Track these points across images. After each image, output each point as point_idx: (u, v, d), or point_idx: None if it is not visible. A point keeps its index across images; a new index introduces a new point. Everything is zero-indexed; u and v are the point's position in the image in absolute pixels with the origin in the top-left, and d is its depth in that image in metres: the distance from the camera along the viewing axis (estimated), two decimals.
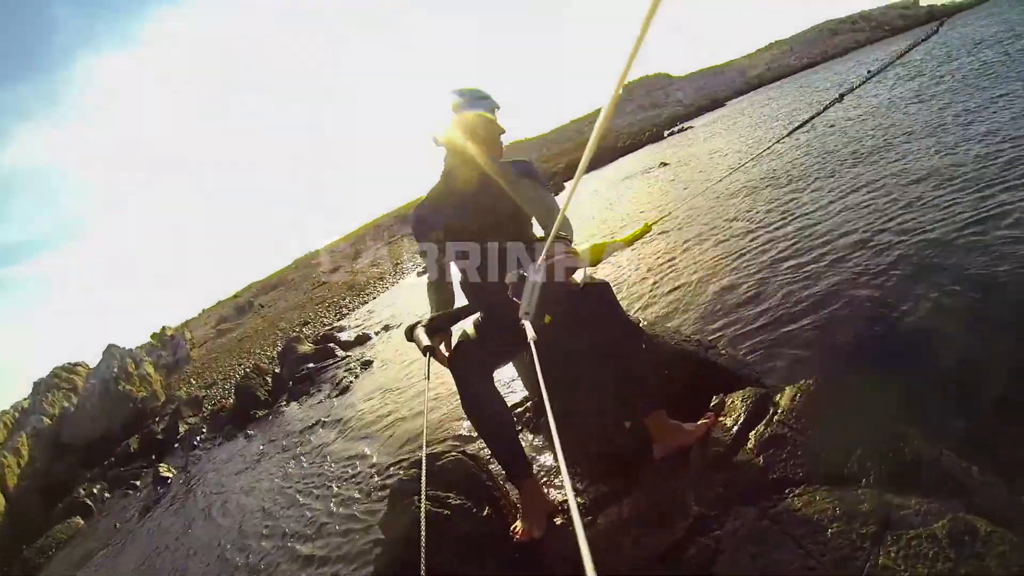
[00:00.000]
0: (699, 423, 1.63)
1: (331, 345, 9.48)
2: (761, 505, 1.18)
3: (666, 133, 23.15)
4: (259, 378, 8.54)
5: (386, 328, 10.69)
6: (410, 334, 1.70)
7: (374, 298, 17.01)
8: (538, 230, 2.15)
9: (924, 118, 6.17)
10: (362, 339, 10.57)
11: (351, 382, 7.17)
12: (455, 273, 2.16)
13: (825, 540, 1.03)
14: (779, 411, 1.40)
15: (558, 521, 1.79)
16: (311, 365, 8.70)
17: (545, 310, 1.71)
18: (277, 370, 9.77)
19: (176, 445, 7.68)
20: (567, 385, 2.51)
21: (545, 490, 1.97)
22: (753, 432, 1.39)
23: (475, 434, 2.70)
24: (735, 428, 1.43)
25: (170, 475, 6.63)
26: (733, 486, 1.29)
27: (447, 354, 1.75)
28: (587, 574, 0.42)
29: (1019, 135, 4.17)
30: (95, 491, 7.33)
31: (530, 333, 1.21)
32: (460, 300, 2.02)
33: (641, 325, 2.63)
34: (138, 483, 7.22)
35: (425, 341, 1.58)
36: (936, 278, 2.55)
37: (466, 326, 2.00)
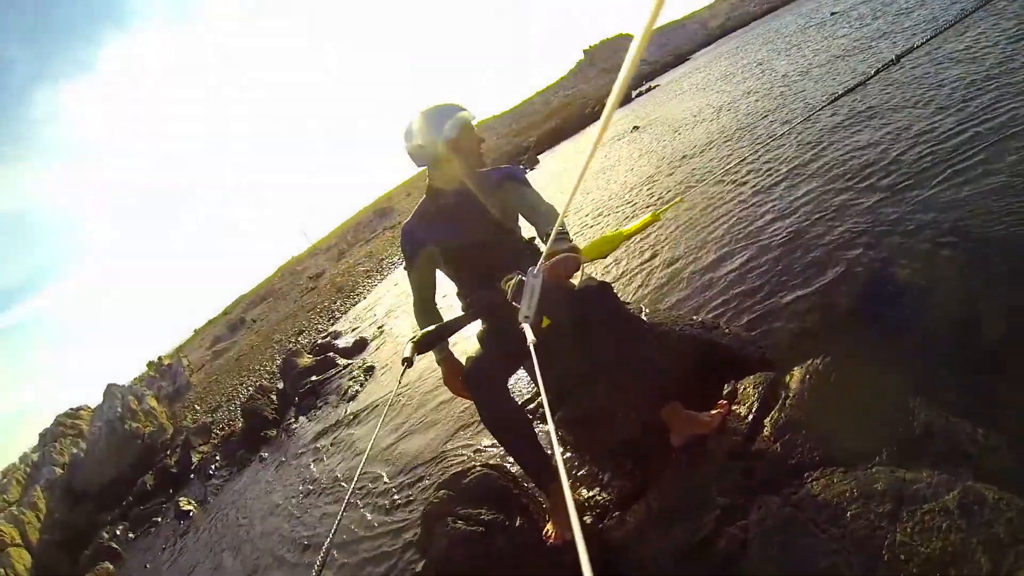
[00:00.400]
0: (714, 412, 1.71)
1: (331, 355, 9.53)
2: (783, 493, 1.26)
3: (633, 94, 22.90)
4: (264, 397, 8.59)
5: (380, 330, 10.76)
6: (406, 345, 1.71)
7: (364, 297, 17.03)
8: (532, 232, 2.19)
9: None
10: (360, 344, 10.62)
11: (356, 391, 7.23)
12: (451, 287, 2.21)
13: (846, 523, 1.11)
14: (790, 395, 1.47)
15: (588, 519, 1.88)
16: (314, 378, 8.75)
17: (546, 313, 1.75)
18: (280, 386, 9.85)
19: (191, 476, 7.72)
20: (579, 380, 2.59)
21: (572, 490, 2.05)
22: (768, 419, 1.47)
23: (491, 443, 2.77)
24: (750, 417, 1.50)
25: (191, 508, 6.70)
26: (754, 475, 1.37)
27: (453, 364, 1.84)
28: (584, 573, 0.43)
29: None
30: (118, 532, 7.37)
31: (530, 336, 1.23)
32: (452, 314, 2.06)
33: (643, 312, 2.70)
34: (159, 520, 7.28)
35: (407, 354, 1.61)
36: (931, 235, 2.62)
37: (471, 342, 2.06)
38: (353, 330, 12.52)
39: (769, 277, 3.12)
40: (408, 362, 1.58)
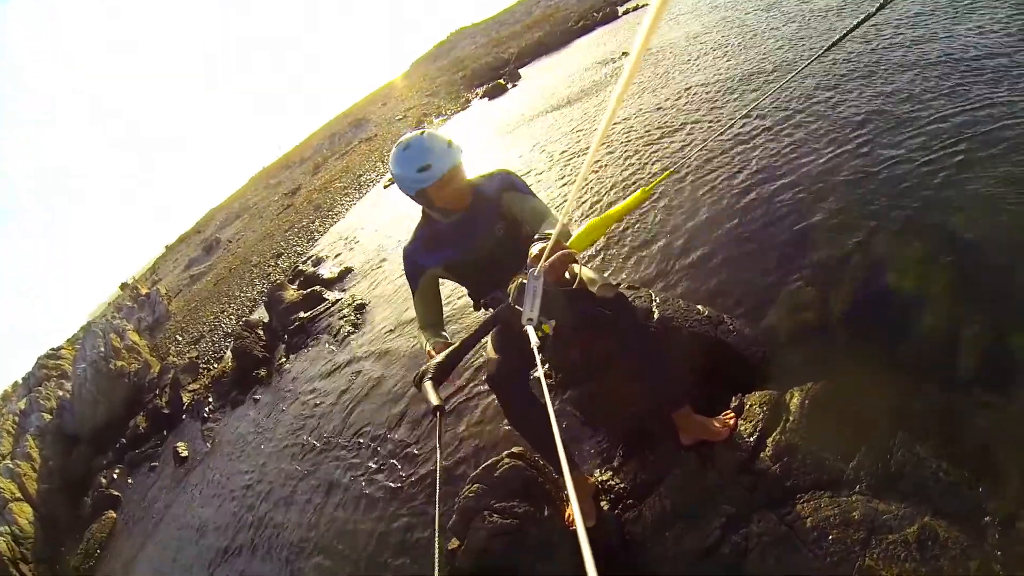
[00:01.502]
0: (722, 420, 2.05)
1: (318, 289, 9.73)
2: (780, 511, 1.63)
3: (621, 11, 21.50)
4: (252, 334, 8.86)
5: (365, 258, 10.90)
6: (419, 384, 1.65)
7: (343, 217, 16.95)
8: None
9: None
10: (344, 273, 10.81)
11: (349, 332, 7.49)
12: (465, 300, 2.42)
13: (827, 544, 1.48)
14: (791, 419, 1.81)
15: (604, 504, 2.28)
16: (302, 314, 9.00)
17: (550, 317, 1.96)
18: (266, 319, 10.12)
19: (184, 417, 8.14)
20: (591, 370, 2.92)
21: (589, 477, 2.44)
22: (770, 439, 1.81)
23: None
24: (755, 436, 1.85)
25: (189, 453, 7.12)
26: (756, 490, 1.73)
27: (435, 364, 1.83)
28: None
29: None
30: (115, 477, 7.89)
31: (533, 340, 1.33)
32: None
33: (654, 301, 2.98)
34: (157, 464, 7.73)
35: (434, 400, 1.49)
36: (925, 235, 2.91)
37: (487, 346, 2.27)
38: (336, 256, 12.63)
39: (764, 259, 3.43)
40: (439, 409, 1.47)
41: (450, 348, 1.72)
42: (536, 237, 1.93)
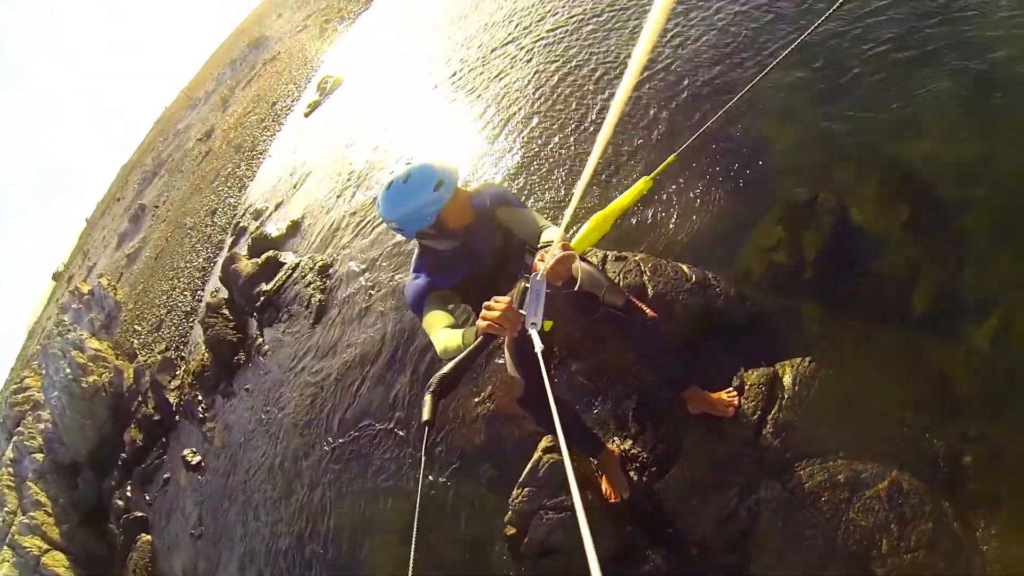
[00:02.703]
0: (727, 400, 2.54)
1: (272, 254, 9.65)
2: (783, 479, 2.19)
3: None
4: (218, 317, 8.98)
5: (306, 205, 10.80)
6: (423, 393, 1.77)
7: (268, 155, 16.35)
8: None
9: None
10: (293, 228, 10.69)
11: (320, 301, 7.61)
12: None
13: (820, 506, 2.05)
14: (785, 398, 2.32)
15: (633, 475, 2.86)
16: (264, 287, 9.05)
17: (552, 317, 2.20)
18: (225, 295, 10.12)
19: (177, 419, 8.35)
20: (593, 345, 3.39)
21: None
22: (770, 417, 2.33)
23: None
24: (756, 415, 2.37)
25: (199, 458, 7.50)
26: (762, 461, 2.28)
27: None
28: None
29: None
30: (130, 496, 8.15)
31: (538, 344, 1.43)
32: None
33: (646, 269, 3.38)
34: (170, 475, 7.98)
35: (425, 415, 1.66)
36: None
37: (506, 361, 2.57)
38: (277, 206, 12.33)
39: (732, 197, 3.83)
40: (429, 424, 1.63)
41: (456, 359, 1.77)
42: (540, 245, 2.10)
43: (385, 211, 2.08)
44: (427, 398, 1.70)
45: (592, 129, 5.83)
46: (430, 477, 4.11)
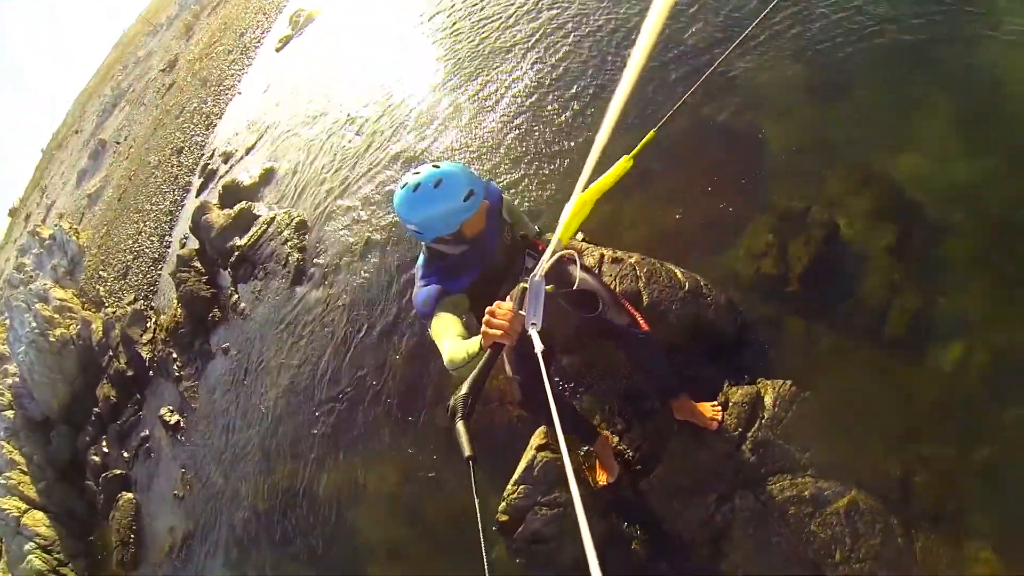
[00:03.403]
0: (711, 413, 2.83)
1: (246, 206, 9.56)
2: (756, 491, 2.54)
3: None
4: (190, 270, 8.99)
5: (277, 150, 10.64)
6: (451, 421, 1.75)
7: (237, 92, 15.87)
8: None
9: None
10: (267, 177, 10.53)
11: (298, 258, 7.68)
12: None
13: (787, 519, 2.41)
14: (765, 417, 2.65)
15: (619, 464, 3.20)
16: (239, 241, 9.02)
17: (551, 319, 2.41)
18: (195, 245, 10.08)
19: (151, 374, 8.45)
20: (581, 343, 3.68)
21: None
22: (750, 434, 2.66)
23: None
24: (738, 431, 2.71)
25: (178, 418, 7.65)
26: (739, 473, 2.63)
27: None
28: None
29: None
30: (107, 452, 8.28)
31: (538, 345, 1.49)
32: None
33: (642, 273, 3.65)
34: (147, 433, 8.13)
35: (466, 450, 1.61)
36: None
37: (505, 363, 2.74)
38: (248, 149, 12.04)
39: (724, 198, 4.03)
40: (473, 460, 1.58)
41: (471, 376, 1.77)
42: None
43: (406, 212, 2.08)
44: (459, 427, 1.67)
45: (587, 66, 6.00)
46: (410, 450, 4.46)
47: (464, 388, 1.76)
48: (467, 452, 1.60)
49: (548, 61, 6.41)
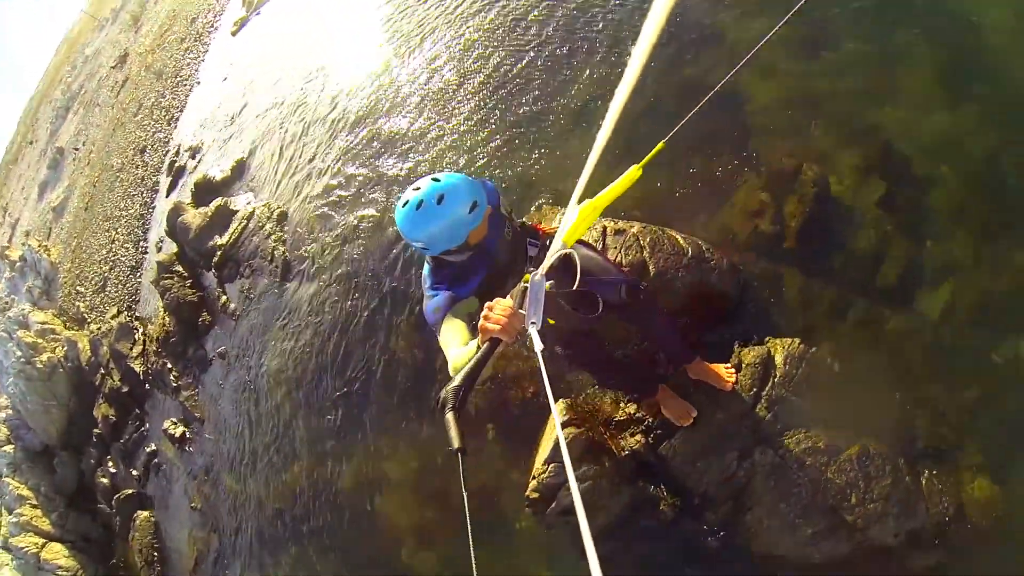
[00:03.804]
0: (725, 374, 3.03)
1: (221, 202, 9.39)
2: (774, 446, 2.77)
3: None
4: (171, 276, 8.93)
5: (255, 142, 10.27)
6: (441, 412, 1.73)
7: (196, 82, 15.52)
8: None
9: None
10: (239, 169, 10.32)
11: (283, 253, 7.59)
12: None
13: (805, 469, 2.65)
14: (777, 377, 2.86)
15: (640, 438, 3.43)
16: (219, 240, 8.89)
17: (552, 317, 2.39)
18: (173, 248, 9.97)
19: (148, 387, 8.44)
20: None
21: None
22: (764, 393, 2.89)
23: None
24: (753, 391, 2.94)
25: (183, 429, 7.63)
26: (757, 431, 2.87)
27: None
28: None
29: None
30: (113, 472, 8.27)
31: (538, 344, 1.49)
32: None
33: (646, 245, 3.82)
34: (154, 447, 8.10)
35: (455, 442, 1.57)
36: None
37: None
38: (215, 142, 11.62)
39: (717, 157, 4.15)
40: (462, 452, 1.55)
41: (465, 368, 1.77)
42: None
43: (410, 230, 2.09)
44: (448, 418, 1.65)
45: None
46: (428, 433, 4.61)
47: (457, 380, 1.75)
48: (456, 444, 1.57)
49: (528, 29, 6.29)
